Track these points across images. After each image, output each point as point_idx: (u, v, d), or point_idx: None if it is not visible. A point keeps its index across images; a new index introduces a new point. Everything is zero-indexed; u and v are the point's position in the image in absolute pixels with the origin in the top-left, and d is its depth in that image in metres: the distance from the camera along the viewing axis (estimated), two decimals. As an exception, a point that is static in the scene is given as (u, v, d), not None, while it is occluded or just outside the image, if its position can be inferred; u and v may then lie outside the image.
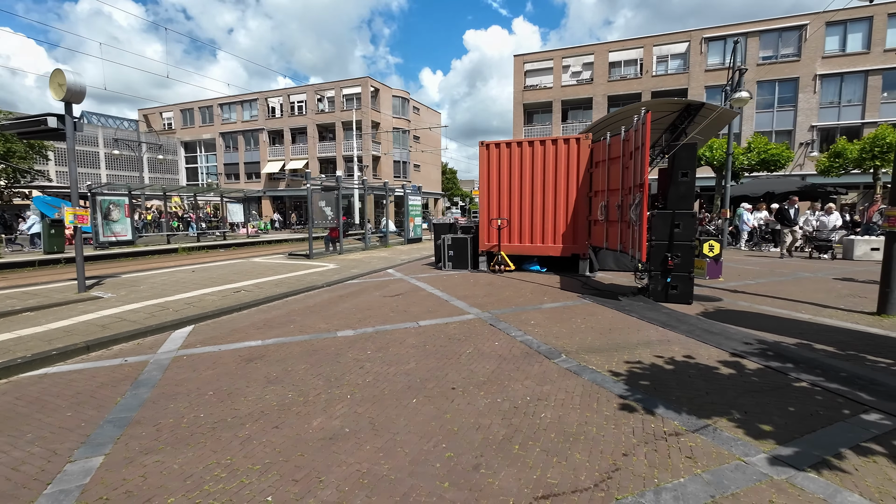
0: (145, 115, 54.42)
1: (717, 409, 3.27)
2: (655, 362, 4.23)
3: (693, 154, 6.38)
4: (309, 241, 13.24)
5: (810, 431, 2.92)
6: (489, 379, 3.96)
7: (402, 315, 6.27)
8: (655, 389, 3.63)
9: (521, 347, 4.79)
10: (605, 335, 5.14)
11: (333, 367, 4.29)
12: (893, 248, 5.67)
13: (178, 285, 8.53)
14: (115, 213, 18.50)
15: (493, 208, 10.10)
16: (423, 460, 2.72)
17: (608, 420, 3.16)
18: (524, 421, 3.18)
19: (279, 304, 7.23)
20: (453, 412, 3.34)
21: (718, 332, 5.07)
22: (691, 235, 6.43)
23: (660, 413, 3.23)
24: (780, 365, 4.06)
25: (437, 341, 5.05)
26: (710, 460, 2.63)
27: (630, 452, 2.74)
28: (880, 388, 3.53)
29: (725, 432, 2.93)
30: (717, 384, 3.70)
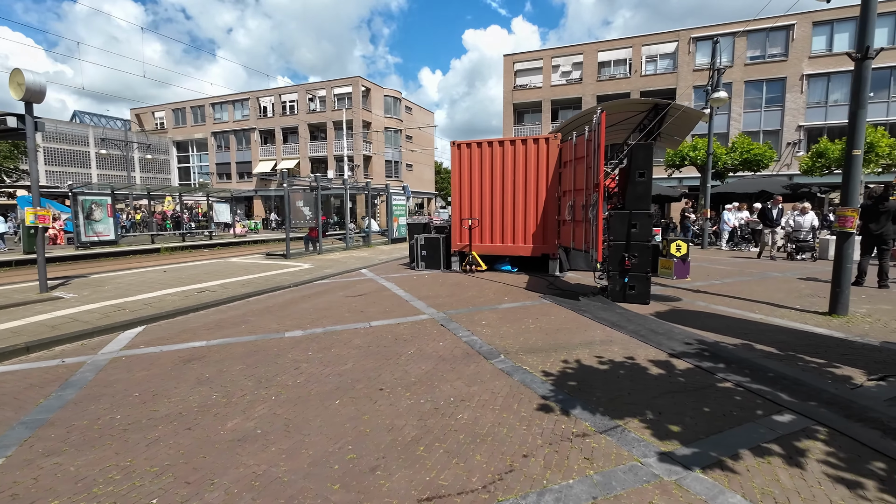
0: (137, 114, 54.24)
1: (634, 409, 3.26)
2: (590, 363, 4.23)
3: (649, 154, 6.38)
4: (286, 242, 13.21)
5: (717, 432, 2.92)
6: (420, 380, 3.95)
7: (357, 315, 6.26)
8: (580, 390, 3.63)
9: (464, 348, 4.78)
10: (552, 335, 5.14)
11: (268, 368, 4.27)
12: (844, 248, 5.68)
13: (143, 286, 8.50)
14: (98, 212, 18.42)
15: (465, 208, 10.09)
16: (323, 462, 2.70)
17: (522, 421, 3.15)
18: (439, 422, 3.17)
19: (240, 304, 7.21)
20: (372, 413, 3.33)
21: (663, 333, 5.07)
22: (648, 235, 6.43)
23: (575, 414, 3.22)
24: (712, 365, 4.06)
25: (383, 342, 5.04)
26: (608, 461, 2.63)
27: (531, 454, 2.73)
28: (802, 388, 3.54)
29: (632, 433, 2.93)
30: (642, 384, 3.70)
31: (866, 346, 4.60)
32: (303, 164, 43.02)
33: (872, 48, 5.40)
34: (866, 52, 5.39)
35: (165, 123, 51.80)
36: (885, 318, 5.71)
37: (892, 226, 7.25)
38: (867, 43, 5.39)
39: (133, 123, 53.60)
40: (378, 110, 42.40)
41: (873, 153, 16.42)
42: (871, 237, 7.44)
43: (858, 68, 5.51)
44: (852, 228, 5.59)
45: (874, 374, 3.83)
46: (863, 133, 5.53)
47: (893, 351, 4.46)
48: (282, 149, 44.05)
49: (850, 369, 3.97)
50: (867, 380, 3.70)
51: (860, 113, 5.48)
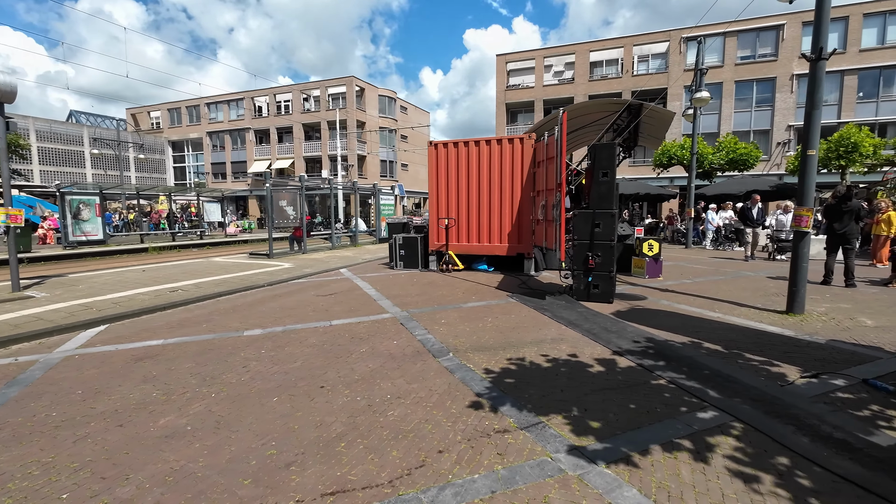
0: (133, 114, 54.24)
1: (561, 406, 3.31)
2: (535, 360, 4.28)
3: (611, 154, 6.42)
4: (269, 241, 13.25)
5: (636, 428, 2.97)
6: (363, 378, 3.99)
7: (321, 314, 6.30)
8: (515, 387, 3.67)
9: (416, 346, 4.82)
10: (506, 334, 5.18)
11: (217, 367, 4.31)
12: (800, 247, 5.73)
13: (117, 285, 8.54)
14: (86, 212, 18.44)
15: (443, 208, 10.13)
16: (242, 458, 2.75)
17: (450, 418, 3.20)
18: (368, 419, 3.22)
19: (209, 303, 7.24)
20: (306, 410, 3.38)
21: (616, 331, 5.12)
22: (611, 235, 6.47)
23: (503, 410, 3.27)
24: (653, 363, 4.11)
25: (339, 340, 5.09)
26: (519, 457, 2.67)
27: (447, 450, 2.78)
28: (733, 385, 3.58)
29: (552, 429, 2.97)
30: (578, 382, 3.75)
31: (812, 345, 4.65)
32: (297, 163, 43.06)
33: (826, 50, 5.45)
34: (820, 53, 5.44)
35: (161, 123, 51.80)
36: (840, 316, 5.76)
37: (855, 225, 7.30)
38: (821, 44, 5.44)
39: (129, 123, 53.67)
40: (372, 110, 42.42)
41: (857, 153, 16.47)
42: (835, 236, 7.49)
43: (813, 69, 5.56)
44: (808, 228, 5.64)
45: (809, 371, 3.87)
46: (818, 133, 5.58)
47: (837, 349, 4.51)
48: (276, 148, 44.08)
49: (788, 367, 4.02)
50: (800, 377, 3.75)
51: (815, 114, 5.52)
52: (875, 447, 2.68)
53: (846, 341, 4.75)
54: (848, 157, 16.64)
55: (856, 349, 4.50)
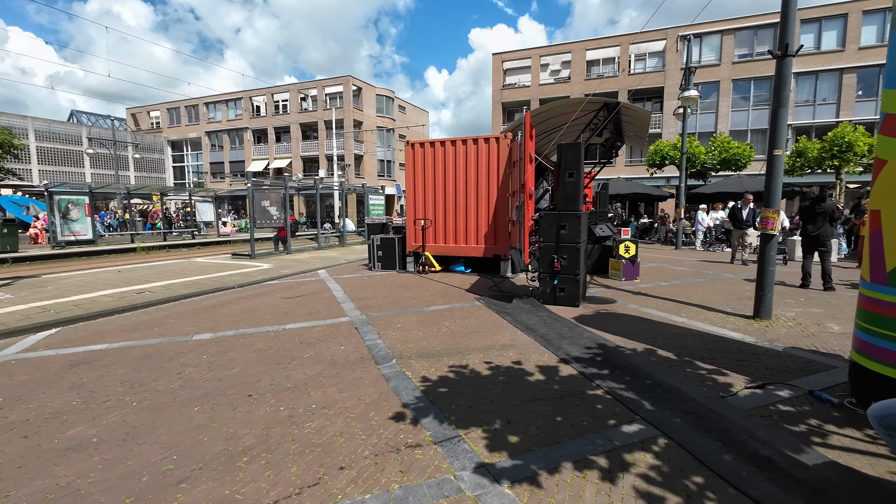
0: (133, 113, 54.44)
1: (486, 418, 3.17)
2: (477, 368, 4.13)
3: (577, 154, 6.27)
4: (251, 242, 13.17)
5: (554, 443, 2.82)
6: (296, 386, 3.86)
7: (279, 318, 6.18)
8: (445, 397, 3.53)
9: (362, 352, 4.69)
10: (458, 339, 5.04)
11: (151, 373, 4.20)
12: (766, 251, 5.55)
13: (86, 286, 8.46)
14: (75, 212, 18.42)
15: (420, 208, 10.00)
16: (135, 474, 2.62)
17: (367, 430, 3.06)
18: (283, 431, 3.09)
19: (171, 305, 7.14)
20: (223, 421, 3.25)
21: (570, 337, 4.97)
22: (577, 237, 6.31)
23: (424, 423, 3.13)
24: (596, 371, 3.96)
25: (286, 346, 4.96)
26: (421, 475, 2.53)
27: (349, 466, 2.64)
28: (672, 396, 3.43)
29: (467, 444, 2.83)
30: (512, 392, 3.60)
31: (769, 352, 4.48)
32: (295, 163, 43.04)
33: (792, 46, 5.27)
34: (786, 49, 5.26)
35: (161, 123, 51.95)
36: (808, 321, 5.58)
37: (829, 227, 7.10)
38: (787, 41, 5.26)
39: (129, 122, 53.87)
40: (370, 109, 42.33)
41: (851, 152, 16.18)
42: (809, 238, 7.29)
43: (779, 66, 5.38)
44: (773, 230, 5.47)
45: (757, 381, 3.71)
46: (783, 132, 5.40)
47: (794, 357, 4.34)
48: (274, 148, 44.08)
49: (737, 376, 3.86)
50: (744, 388, 3.59)
51: (781, 112, 5.35)
52: (799, 466, 2.52)
53: (806, 349, 4.58)
54: (842, 156, 16.35)
55: (813, 357, 4.33)
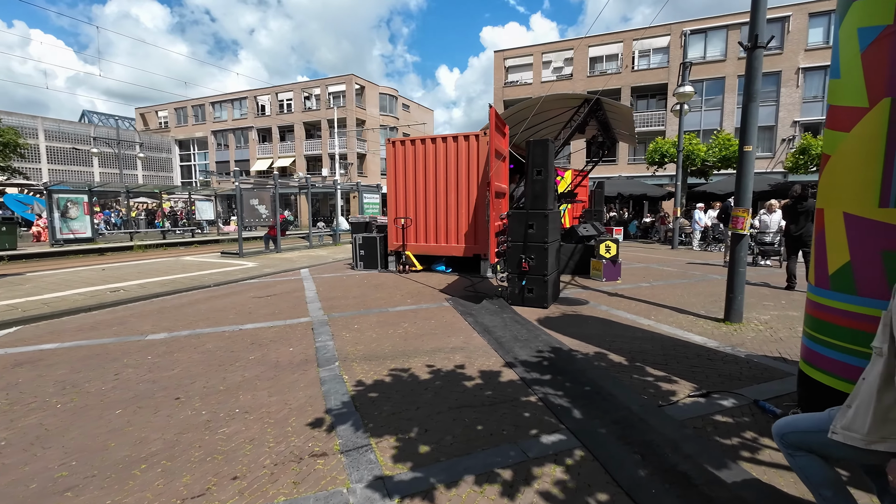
0: (142, 114, 55.16)
1: (404, 426, 3.03)
2: (417, 372, 4.00)
3: (545, 151, 6.08)
4: (239, 240, 13.18)
5: (465, 454, 2.68)
6: (229, 388, 3.77)
7: (241, 318, 6.10)
8: (372, 403, 3.41)
9: (309, 354, 4.58)
10: (410, 341, 4.91)
11: (89, 374, 4.13)
12: (737, 251, 5.33)
13: (63, 284, 8.49)
14: (73, 210, 18.64)
15: (401, 207, 9.88)
16: (25, 480, 2.54)
17: (279, 436, 2.95)
18: (194, 436, 2.99)
19: (140, 304, 7.11)
20: (139, 425, 3.16)
21: (526, 339, 4.81)
22: (545, 237, 6.14)
23: (339, 430, 3.01)
24: (538, 377, 3.80)
25: (236, 347, 4.88)
26: (314, 487, 2.41)
27: (243, 476, 2.53)
28: (606, 404, 3.26)
29: (375, 454, 2.71)
30: (442, 397, 3.46)
31: (727, 358, 4.28)
32: (299, 162, 43.24)
33: (762, 38, 5.04)
34: (755, 41, 5.03)
35: (168, 122, 52.55)
36: (780, 325, 5.34)
37: (811, 226, 6.81)
38: (756, 32, 5.03)
39: (138, 122, 54.61)
40: (373, 108, 42.31)
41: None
42: (791, 239, 7.02)
43: (750, 58, 5.15)
44: (744, 230, 5.24)
45: (703, 389, 3.52)
46: (755, 128, 5.17)
47: (752, 364, 4.13)
48: (278, 147, 44.31)
49: (685, 383, 3.67)
50: (687, 396, 3.41)
51: (751, 106, 5.12)
52: (716, 484, 2.35)
53: (769, 354, 4.37)
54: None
55: (774, 364, 4.12)
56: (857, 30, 2.65)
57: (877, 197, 2.55)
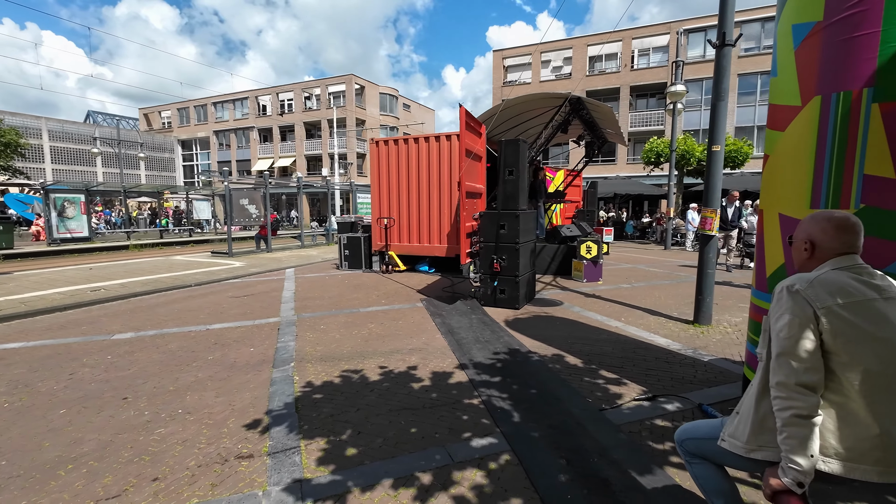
0: (145, 114, 55.56)
1: (339, 428, 3.01)
2: (368, 373, 3.98)
3: (516, 151, 6.04)
4: (228, 240, 13.22)
5: (391, 457, 2.65)
6: (178, 389, 3.76)
7: (211, 317, 6.11)
8: (314, 405, 3.39)
9: (267, 355, 4.57)
10: (371, 342, 4.89)
11: (44, 373, 4.14)
12: (706, 252, 5.26)
13: (46, 283, 8.55)
14: (71, 210, 18.79)
15: (384, 207, 9.86)
16: (-54, 480, 2.54)
17: (214, 438, 2.94)
18: (129, 437, 2.98)
19: (116, 304, 7.14)
20: (80, 425, 3.16)
21: (486, 341, 4.77)
22: (516, 237, 6.09)
23: (273, 432, 2.99)
24: (487, 379, 3.76)
25: (198, 347, 4.87)
26: (230, 489, 2.39)
27: (164, 477, 2.52)
28: (548, 408, 3.22)
29: (301, 456, 2.68)
30: (386, 399, 3.44)
31: (685, 361, 4.22)
32: (299, 161, 43.36)
33: (730, 36, 4.96)
34: (723, 39, 4.96)
35: (171, 123, 52.90)
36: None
37: None
38: (724, 30, 4.96)
39: (141, 123, 55.03)
40: (373, 108, 42.36)
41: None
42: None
43: (718, 56, 5.08)
44: (712, 231, 5.17)
45: (650, 393, 3.47)
46: (723, 127, 5.10)
47: (710, 367, 4.07)
48: (279, 147, 44.48)
49: (635, 386, 3.62)
50: (633, 399, 3.36)
51: (720, 105, 5.05)
52: (634, 490, 2.31)
53: (729, 358, 4.31)
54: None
55: (731, 367, 4.06)
56: (792, 26, 2.59)
57: (808, 197, 2.50)
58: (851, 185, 2.32)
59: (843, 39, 2.31)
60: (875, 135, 2.24)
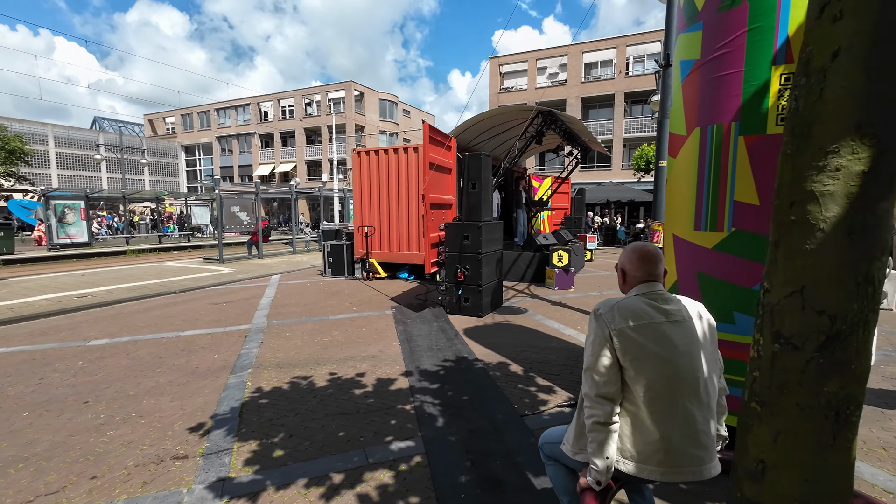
0: (150, 120, 56.38)
1: (274, 431, 3.23)
2: (316, 379, 4.20)
3: (478, 164, 6.27)
4: (219, 247, 13.52)
5: (313, 458, 2.88)
6: (138, 394, 4.00)
7: (186, 324, 6.36)
8: (257, 409, 3.61)
9: (229, 361, 4.80)
10: (329, 349, 5.11)
11: (15, 378, 4.40)
12: (656, 263, 5.44)
13: (36, 289, 8.85)
14: (70, 216, 19.23)
15: (366, 215, 10.12)
16: None
17: (158, 439, 3.17)
18: (82, 438, 3.22)
19: (101, 310, 7.41)
20: (39, 427, 3.40)
21: (439, 349, 4.98)
22: (478, 248, 6.31)
23: (213, 435, 3.22)
24: (427, 385, 3.98)
25: (166, 353, 5.12)
26: (159, 486, 2.62)
27: (102, 476, 2.75)
28: (473, 414, 3.43)
29: (229, 458, 2.91)
30: (325, 404, 3.66)
31: (622, 369, 4.40)
32: (300, 167, 43.85)
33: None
34: (668, 60, 5.17)
35: (175, 128, 53.64)
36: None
37: None
38: (668, 51, 5.17)
39: (146, 129, 55.85)
40: (372, 114, 42.81)
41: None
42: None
43: (664, 76, 5.29)
44: (659, 244, 5.36)
45: (576, 399, 3.67)
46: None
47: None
48: (280, 152, 45.01)
49: (564, 393, 3.82)
50: (556, 406, 3.56)
51: (665, 123, 5.25)
52: (523, 490, 2.51)
53: (666, 365, 4.49)
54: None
55: (664, 375, 4.24)
56: (680, 62, 2.81)
57: (692, 221, 2.70)
58: (724, 210, 2.53)
59: (714, 77, 2.53)
60: (742, 165, 2.45)
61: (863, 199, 0.95)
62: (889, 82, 0.92)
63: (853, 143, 0.94)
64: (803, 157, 1.02)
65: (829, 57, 0.95)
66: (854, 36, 0.93)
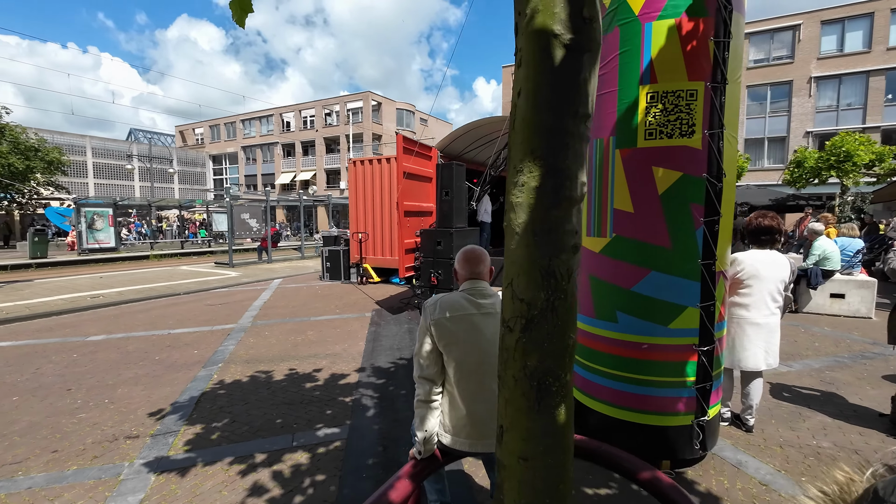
0: (181, 131, 59.07)
1: (220, 417, 3.56)
2: (274, 373, 4.53)
3: (451, 174, 6.54)
4: (229, 252, 14.18)
5: (247, 440, 3.19)
6: (116, 384, 4.42)
7: (179, 323, 6.83)
8: (213, 399, 3.96)
9: (205, 357, 5.19)
10: (299, 347, 5.45)
11: (15, 368, 4.90)
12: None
13: (55, 290, 9.58)
14: (99, 222, 20.46)
15: (361, 222, 10.51)
16: None
17: (119, 422, 3.55)
18: (57, 419, 3.62)
19: (108, 309, 8.00)
20: (24, 409, 3.84)
21: (399, 348, 5.25)
22: (450, 253, 6.56)
23: (167, 419, 3.58)
24: (374, 381, 4.25)
25: (152, 348, 5.56)
26: (105, 460, 2.98)
27: (63, 450, 3.13)
28: (404, 406, 3.68)
29: (173, 438, 3.25)
30: (275, 395, 3.98)
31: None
32: (319, 175, 45.05)
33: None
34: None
35: (204, 139, 56.00)
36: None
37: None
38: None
39: (177, 139, 58.52)
40: (389, 123, 43.67)
41: (850, 162, 15.07)
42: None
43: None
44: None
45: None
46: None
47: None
48: (301, 161, 46.38)
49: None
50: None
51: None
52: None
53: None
54: (839, 166, 15.27)
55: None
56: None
57: (585, 227, 2.91)
58: (607, 217, 2.74)
59: (598, 94, 2.74)
60: (619, 175, 2.65)
61: (539, 208, 1.20)
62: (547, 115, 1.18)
63: (530, 163, 1.20)
64: (509, 175, 1.28)
65: (517, 95, 1.22)
66: (527, 80, 1.20)
